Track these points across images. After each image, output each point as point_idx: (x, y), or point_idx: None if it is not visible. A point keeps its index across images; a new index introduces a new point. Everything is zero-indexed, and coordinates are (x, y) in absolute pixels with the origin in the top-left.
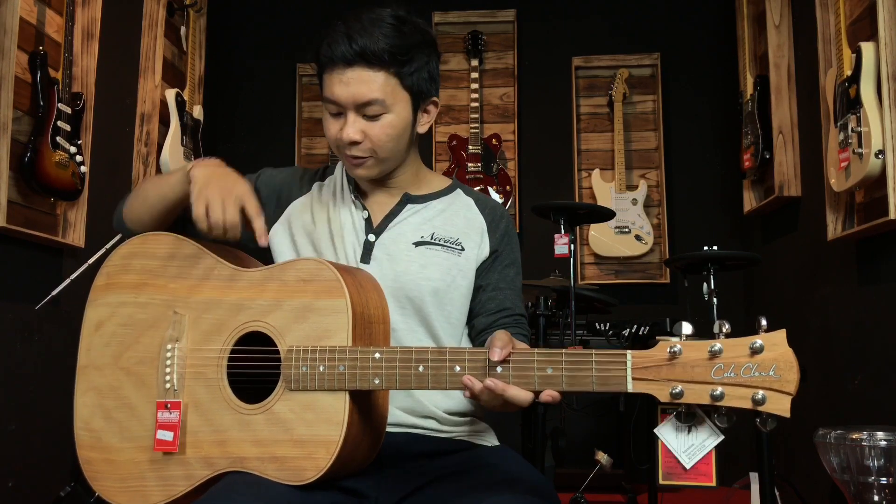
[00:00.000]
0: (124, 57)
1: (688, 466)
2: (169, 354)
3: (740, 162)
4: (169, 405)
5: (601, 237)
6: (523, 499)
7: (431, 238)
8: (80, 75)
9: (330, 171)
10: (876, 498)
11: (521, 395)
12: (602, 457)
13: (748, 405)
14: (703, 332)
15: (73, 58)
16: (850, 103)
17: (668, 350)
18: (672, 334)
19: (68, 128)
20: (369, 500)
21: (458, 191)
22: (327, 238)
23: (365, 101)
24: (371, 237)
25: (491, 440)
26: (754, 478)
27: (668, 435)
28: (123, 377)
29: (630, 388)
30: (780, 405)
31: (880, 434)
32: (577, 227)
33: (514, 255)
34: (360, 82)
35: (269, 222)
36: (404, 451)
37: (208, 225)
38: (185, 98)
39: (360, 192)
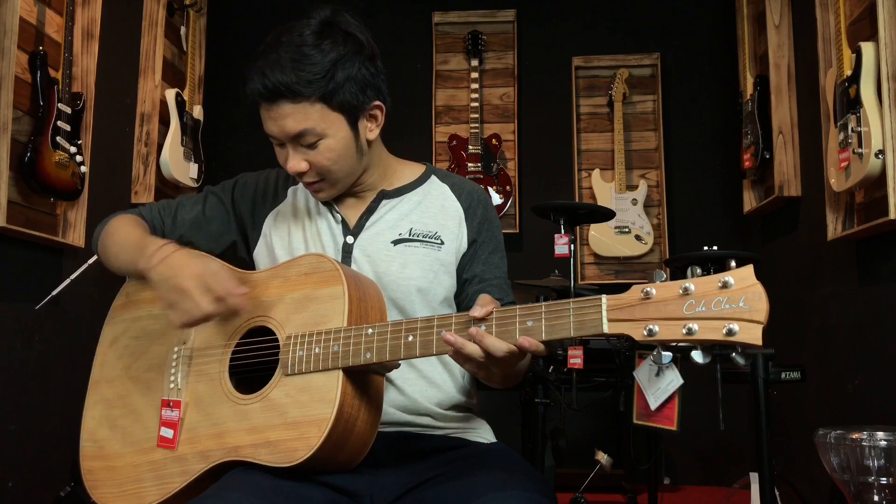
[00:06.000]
0: (124, 57)
1: (653, 406)
2: (175, 357)
3: (740, 162)
4: (171, 403)
5: (601, 237)
6: (519, 495)
7: (410, 234)
8: (80, 75)
9: None
10: (876, 498)
11: (498, 343)
12: (602, 457)
13: (721, 336)
14: None
15: (73, 58)
16: (850, 103)
17: (642, 291)
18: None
19: (68, 128)
20: (364, 499)
21: (433, 177)
22: (302, 246)
23: (295, 133)
24: (349, 239)
25: (486, 436)
26: (754, 478)
27: (642, 378)
28: (132, 385)
29: (606, 329)
30: (751, 334)
31: (880, 434)
32: (577, 227)
33: (497, 238)
34: (285, 117)
35: (252, 236)
36: (399, 450)
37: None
38: (185, 98)
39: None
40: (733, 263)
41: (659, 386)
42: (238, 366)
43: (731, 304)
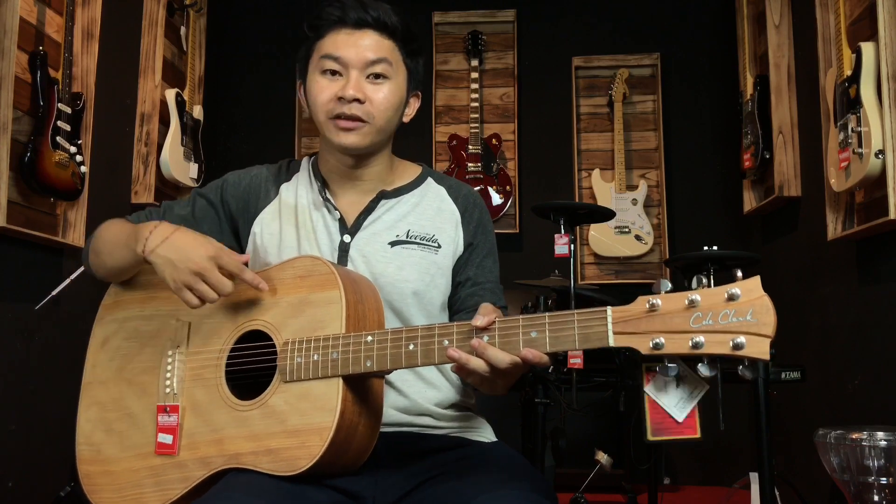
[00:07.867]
0: (124, 57)
1: (680, 419)
2: (170, 360)
3: (740, 162)
4: (168, 408)
5: (601, 237)
6: (519, 494)
7: (407, 236)
8: (80, 75)
9: (295, 168)
10: (876, 498)
11: (501, 355)
12: (602, 457)
13: (728, 350)
14: None
15: (73, 58)
16: (850, 103)
17: (647, 303)
18: (653, 292)
19: (68, 128)
20: (367, 500)
21: (430, 179)
22: (294, 244)
23: (375, 58)
24: (346, 238)
25: (487, 435)
26: (754, 478)
27: (656, 392)
28: (126, 388)
29: (611, 342)
30: (759, 348)
31: (880, 434)
32: (577, 227)
33: (490, 243)
34: (370, 44)
35: (243, 235)
36: (399, 451)
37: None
38: (185, 98)
39: (330, 192)
40: (739, 274)
41: (681, 396)
42: (234, 370)
43: (738, 316)
